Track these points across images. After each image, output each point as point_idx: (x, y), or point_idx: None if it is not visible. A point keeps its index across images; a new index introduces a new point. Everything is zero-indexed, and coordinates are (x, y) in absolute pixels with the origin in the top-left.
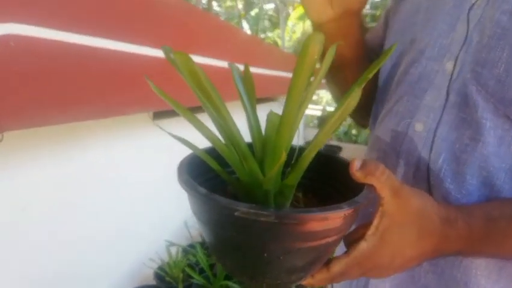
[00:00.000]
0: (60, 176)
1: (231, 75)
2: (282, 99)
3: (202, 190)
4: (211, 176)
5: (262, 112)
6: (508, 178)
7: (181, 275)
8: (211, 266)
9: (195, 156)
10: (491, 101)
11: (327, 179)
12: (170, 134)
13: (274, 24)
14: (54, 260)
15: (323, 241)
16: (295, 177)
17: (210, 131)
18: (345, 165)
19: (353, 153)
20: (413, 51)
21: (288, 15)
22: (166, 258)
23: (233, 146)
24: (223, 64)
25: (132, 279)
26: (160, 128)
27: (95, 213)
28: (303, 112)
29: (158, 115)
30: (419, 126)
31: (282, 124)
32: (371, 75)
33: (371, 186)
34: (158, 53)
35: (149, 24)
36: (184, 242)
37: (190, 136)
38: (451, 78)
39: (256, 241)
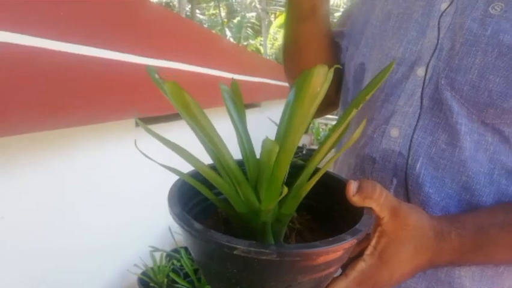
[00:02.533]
0: (43, 183)
1: (213, 81)
2: (265, 105)
3: (198, 226)
4: (201, 199)
5: (247, 118)
6: (488, 182)
7: (165, 280)
8: (196, 271)
9: (184, 181)
10: (465, 105)
11: (321, 197)
12: (160, 139)
13: (257, 31)
14: (37, 268)
15: (325, 272)
16: (293, 205)
17: (199, 161)
18: (339, 182)
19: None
20: (383, 57)
21: (270, 23)
22: (150, 263)
23: (227, 174)
24: (207, 71)
25: (116, 285)
26: (148, 130)
27: (78, 220)
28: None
29: (142, 121)
30: (394, 132)
31: (282, 154)
32: (368, 97)
33: (370, 208)
34: (143, 60)
35: (134, 33)
36: (168, 248)
37: (178, 142)
38: (424, 84)
39: (256, 278)
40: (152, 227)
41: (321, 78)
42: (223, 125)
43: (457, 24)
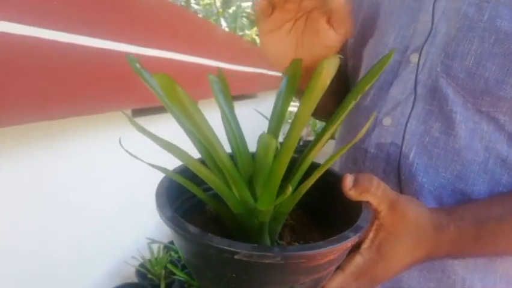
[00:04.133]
0: (35, 174)
1: (206, 72)
2: (261, 96)
3: (194, 230)
4: (189, 196)
5: (241, 109)
6: (482, 171)
7: (163, 272)
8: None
9: (171, 178)
10: (461, 93)
11: (312, 190)
12: (149, 135)
13: (252, 22)
14: (34, 258)
15: (327, 271)
16: (291, 204)
17: (191, 157)
18: (333, 176)
19: (331, 148)
20: (376, 44)
21: None
22: (147, 255)
23: (219, 171)
24: (202, 61)
25: (114, 277)
26: (135, 125)
27: (73, 211)
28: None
29: (137, 113)
30: (387, 120)
31: (283, 150)
32: (367, 87)
33: (367, 202)
34: (137, 50)
35: (128, 22)
36: (166, 239)
37: (168, 135)
38: (417, 70)
39: (257, 281)
40: (150, 218)
41: (332, 71)
42: (212, 118)
43: (451, 8)
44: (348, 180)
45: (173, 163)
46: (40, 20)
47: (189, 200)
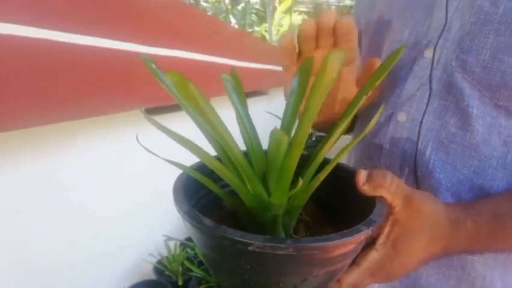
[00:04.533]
0: (57, 175)
1: (218, 69)
2: (272, 93)
3: (209, 222)
4: (205, 192)
5: (253, 106)
6: (501, 165)
7: (180, 269)
8: None
9: (188, 174)
10: (477, 88)
11: (326, 186)
12: (165, 131)
13: (261, 18)
14: (50, 260)
15: (340, 264)
16: (304, 198)
17: (207, 153)
18: (346, 171)
19: (344, 144)
20: (390, 40)
21: (274, 8)
22: (164, 252)
23: (234, 167)
24: (212, 59)
25: (132, 274)
26: (152, 122)
27: (91, 210)
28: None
29: (150, 111)
30: (402, 117)
31: (294, 145)
32: (378, 83)
33: (381, 197)
34: (147, 50)
35: (137, 21)
36: (182, 236)
37: (183, 133)
38: (432, 66)
39: (271, 273)
40: (165, 216)
41: (337, 64)
42: (224, 115)
43: (465, 2)
44: (362, 175)
45: (187, 162)
46: (51, 21)
47: (206, 196)
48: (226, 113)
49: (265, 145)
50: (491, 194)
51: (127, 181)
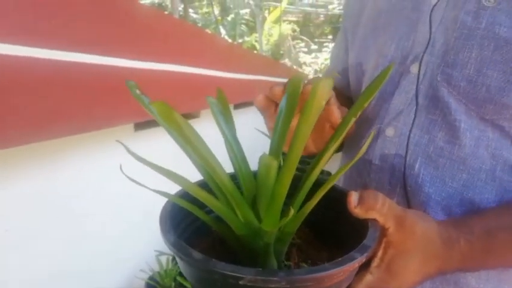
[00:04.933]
0: (41, 192)
1: (207, 82)
2: None
3: (198, 256)
4: (194, 218)
5: (241, 117)
6: (490, 178)
7: (172, 284)
8: None
9: (174, 202)
10: (463, 101)
11: (320, 207)
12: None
13: (251, 28)
14: (40, 278)
15: None
16: (296, 224)
17: (189, 182)
18: (337, 192)
19: (336, 158)
20: (376, 56)
21: (264, 19)
22: (156, 268)
23: (221, 193)
24: (202, 71)
25: None
26: (133, 155)
27: (81, 227)
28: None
29: (140, 126)
30: (390, 131)
31: (285, 171)
32: (366, 104)
33: (374, 220)
34: (136, 64)
35: (125, 36)
36: None
37: (174, 146)
38: (418, 80)
39: None
40: (157, 230)
41: (326, 92)
42: (214, 128)
43: (449, 17)
44: (353, 197)
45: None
46: (38, 40)
47: (194, 222)
48: (216, 127)
49: (253, 160)
50: (482, 209)
51: (116, 197)
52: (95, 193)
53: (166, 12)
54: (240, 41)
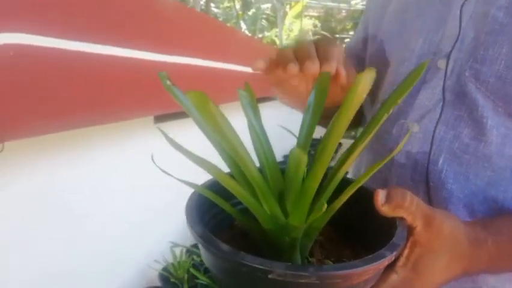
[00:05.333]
0: (63, 183)
1: (227, 76)
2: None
3: (226, 248)
4: (218, 210)
5: (262, 112)
6: None
7: (186, 276)
8: None
9: (200, 193)
10: (491, 98)
11: (344, 204)
12: (174, 144)
13: (272, 23)
14: (55, 266)
15: None
16: (324, 220)
17: (220, 171)
18: (363, 189)
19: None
20: (402, 50)
21: (285, 13)
22: (170, 259)
23: (248, 185)
24: (223, 65)
25: (137, 281)
26: (162, 131)
27: (99, 217)
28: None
29: (160, 118)
30: (414, 127)
31: (317, 166)
32: (400, 101)
33: (401, 218)
34: (157, 57)
35: (147, 29)
36: (188, 243)
37: (193, 139)
38: (445, 76)
39: None
40: (172, 222)
41: (368, 85)
42: (234, 122)
43: (480, 12)
44: (381, 195)
45: (199, 173)
46: (63, 30)
47: (217, 215)
48: (238, 120)
49: (276, 151)
50: (509, 210)
51: (134, 188)
52: (109, 184)
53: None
54: (260, 36)
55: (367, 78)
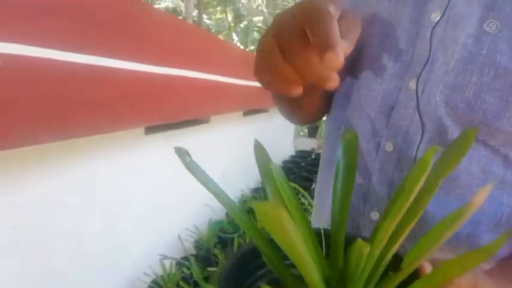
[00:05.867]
0: (52, 194)
1: (218, 88)
2: (272, 110)
3: None
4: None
5: (252, 123)
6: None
7: None
8: (206, 279)
9: (232, 264)
10: (459, 122)
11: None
12: None
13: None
14: (43, 278)
15: None
16: None
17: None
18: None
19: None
20: (372, 67)
21: None
22: (160, 271)
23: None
24: (212, 77)
25: None
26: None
27: (87, 229)
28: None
29: (151, 130)
30: (389, 147)
31: (379, 263)
32: (448, 172)
33: None
34: (149, 69)
35: (139, 40)
36: (178, 255)
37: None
38: (417, 98)
39: None
40: (162, 235)
41: (432, 159)
42: (222, 133)
43: (449, 37)
44: (427, 270)
45: (188, 184)
46: (53, 42)
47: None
48: (225, 132)
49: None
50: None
51: (125, 200)
52: (101, 196)
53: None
54: (252, 48)
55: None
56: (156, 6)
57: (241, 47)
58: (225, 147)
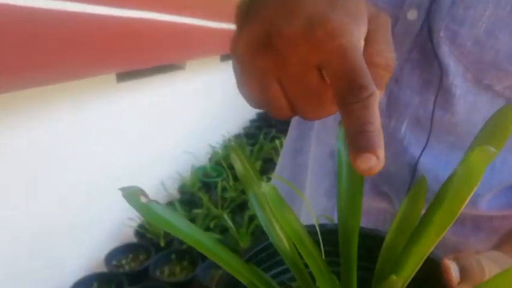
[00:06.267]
0: (27, 144)
1: (193, 32)
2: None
3: None
4: None
5: (230, 68)
6: None
7: (162, 232)
8: (192, 220)
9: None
10: (463, 62)
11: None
12: None
13: None
14: (30, 223)
15: None
16: None
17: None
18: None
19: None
20: None
21: None
22: None
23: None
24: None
25: (113, 238)
26: None
27: (66, 179)
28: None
29: (123, 77)
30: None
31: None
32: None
33: None
34: (119, 12)
35: None
36: (162, 201)
37: (155, 98)
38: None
39: None
40: (145, 181)
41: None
42: (198, 79)
43: None
44: (453, 271)
45: (159, 129)
46: None
47: None
48: (201, 78)
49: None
50: None
51: (101, 148)
52: (78, 144)
53: None
54: None
55: (486, 155)
56: None
57: None
58: (202, 93)
